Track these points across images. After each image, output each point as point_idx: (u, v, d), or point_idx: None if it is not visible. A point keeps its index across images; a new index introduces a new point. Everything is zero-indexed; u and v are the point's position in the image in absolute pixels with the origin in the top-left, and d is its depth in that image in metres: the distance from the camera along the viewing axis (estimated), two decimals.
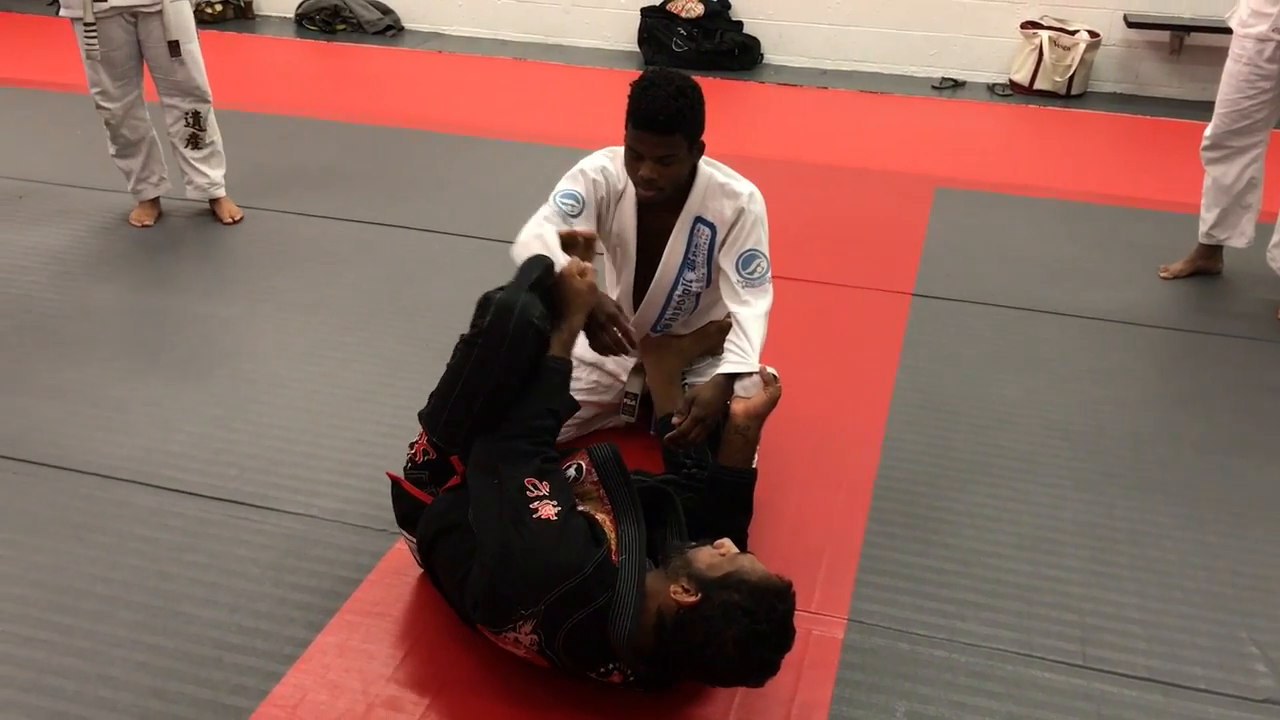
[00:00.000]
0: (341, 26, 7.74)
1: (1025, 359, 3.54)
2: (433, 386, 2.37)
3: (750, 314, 2.62)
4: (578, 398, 2.44)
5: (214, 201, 4.47)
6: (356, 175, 5.00)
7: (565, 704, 2.13)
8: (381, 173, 5.05)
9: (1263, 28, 3.71)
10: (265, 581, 2.43)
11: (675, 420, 2.52)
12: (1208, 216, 4.09)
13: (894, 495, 2.79)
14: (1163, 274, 4.20)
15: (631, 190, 2.70)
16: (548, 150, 5.43)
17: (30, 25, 7.70)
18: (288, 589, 2.42)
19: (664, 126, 2.51)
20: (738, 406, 2.42)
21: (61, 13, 4.00)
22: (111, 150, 4.29)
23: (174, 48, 4.10)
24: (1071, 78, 6.64)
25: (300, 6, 7.82)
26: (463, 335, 2.27)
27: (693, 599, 1.96)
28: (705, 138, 2.64)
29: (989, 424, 3.16)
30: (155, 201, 4.44)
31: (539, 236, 2.49)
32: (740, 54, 7.17)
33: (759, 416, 2.41)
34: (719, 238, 2.72)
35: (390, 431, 2.98)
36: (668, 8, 7.25)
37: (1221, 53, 4.09)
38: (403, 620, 2.34)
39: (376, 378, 3.28)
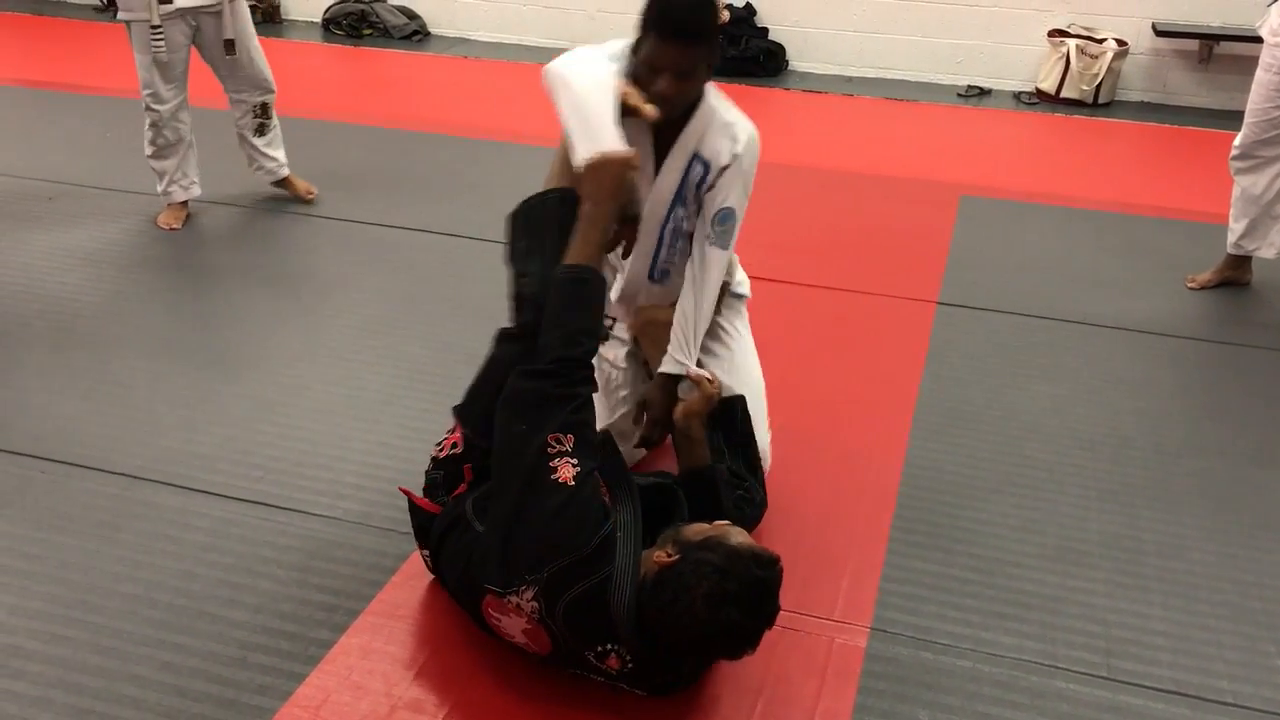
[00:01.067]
0: (368, 31, 7.78)
1: (1051, 368, 3.53)
2: (457, 389, 2.38)
3: (690, 305, 2.53)
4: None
5: (285, 181, 4.62)
6: (382, 179, 5.02)
7: (585, 708, 2.13)
8: (407, 177, 5.07)
9: None
10: (290, 583, 2.44)
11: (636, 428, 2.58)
12: (1236, 227, 4.06)
13: (918, 504, 2.78)
14: (1190, 284, 4.17)
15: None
16: None
17: (60, 29, 7.77)
18: (312, 590, 2.43)
19: (690, 36, 2.30)
20: (676, 410, 2.46)
21: (120, 15, 4.07)
22: (149, 151, 4.34)
23: (229, 46, 4.22)
24: (1099, 86, 6.61)
25: (327, 11, 7.87)
26: (501, 328, 2.29)
27: (671, 559, 1.98)
28: None
29: (1014, 433, 3.15)
30: (184, 205, 4.48)
31: (598, 81, 2.29)
32: (765, 61, 7.17)
33: (695, 414, 2.42)
34: (709, 179, 2.52)
35: (414, 434, 2.99)
36: None
37: (1250, 62, 4.06)
38: (426, 622, 2.35)
39: (400, 381, 3.30)
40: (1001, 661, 2.31)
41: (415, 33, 7.82)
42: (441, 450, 2.38)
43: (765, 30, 7.30)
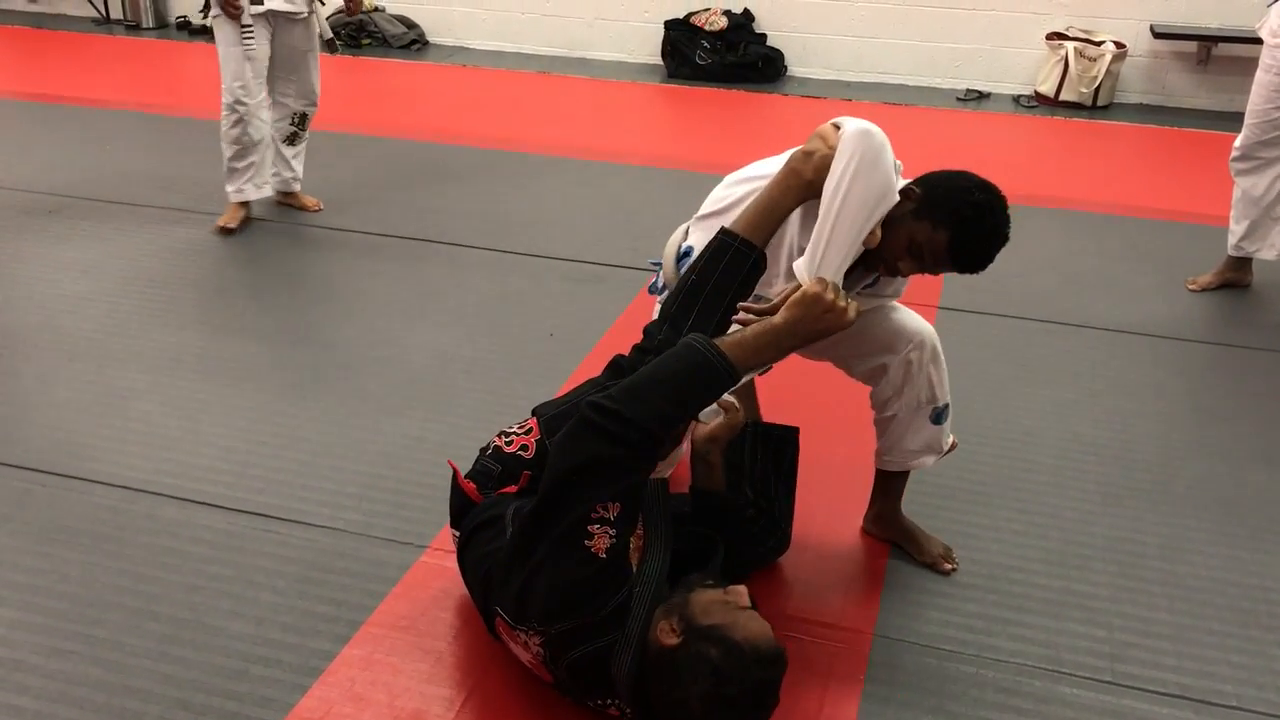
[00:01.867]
0: (367, 41, 7.80)
1: (1052, 372, 3.52)
2: (458, 399, 2.38)
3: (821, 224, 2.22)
4: None
5: (293, 195, 4.72)
6: (383, 189, 5.03)
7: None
8: (408, 186, 5.08)
9: None
10: (291, 594, 2.44)
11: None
12: (1237, 229, 4.06)
13: (920, 509, 2.77)
14: (1191, 286, 4.17)
15: None
16: (573, 163, 5.45)
17: (59, 42, 7.79)
18: (314, 602, 2.42)
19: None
20: (697, 431, 2.30)
21: (213, 13, 4.26)
22: (229, 152, 4.44)
23: (332, 45, 4.62)
24: (1098, 89, 6.62)
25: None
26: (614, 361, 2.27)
27: (673, 641, 1.92)
28: (729, 150, 2.59)
29: (1016, 438, 3.14)
30: (246, 206, 4.55)
31: (879, 202, 2.19)
32: (764, 66, 7.18)
33: (716, 441, 2.28)
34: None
35: (416, 444, 2.99)
36: (691, 20, 7.27)
37: (1249, 63, 4.07)
38: (428, 634, 2.34)
39: (401, 391, 3.29)
40: (1005, 666, 2.31)
41: (414, 42, 7.84)
42: (511, 445, 2.32)
43: (764, 36, 7.32)
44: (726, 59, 7.15)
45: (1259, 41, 3.90)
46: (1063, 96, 6.70)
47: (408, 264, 4.22)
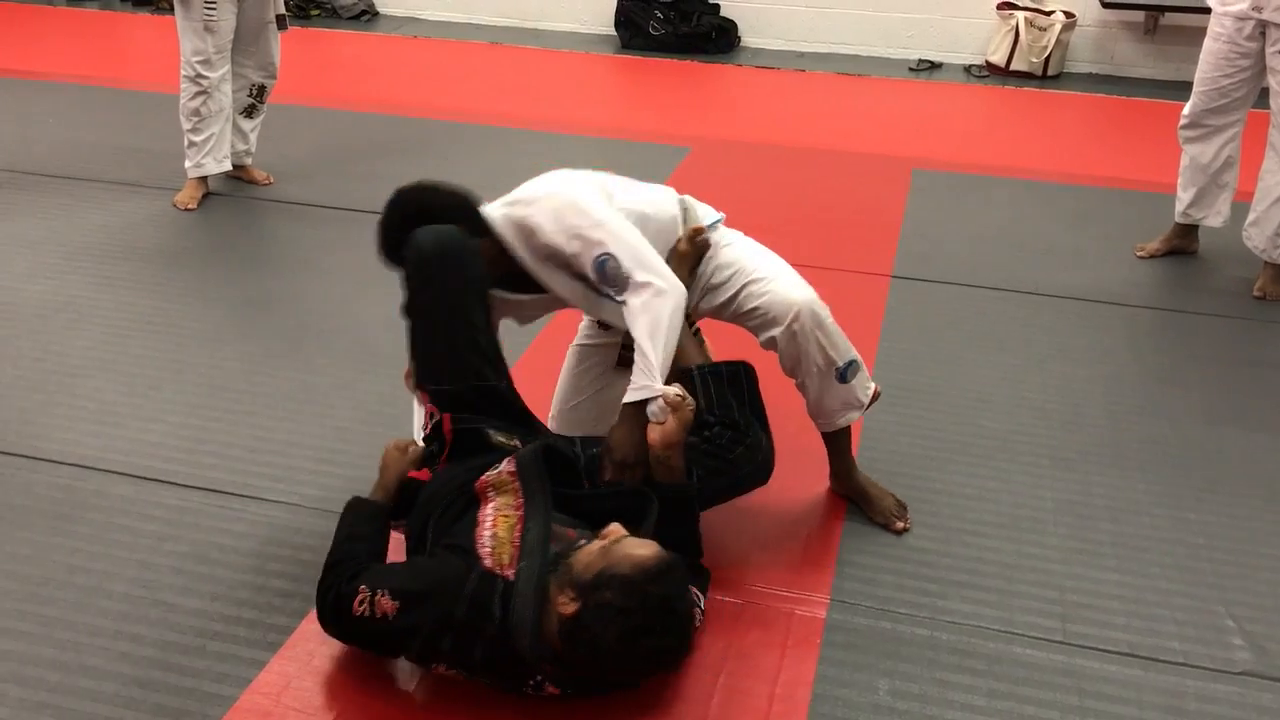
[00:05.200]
0: (316, 11, 7.68)
1: (1003, 339, 3.56)
2: None
3: (641, 332, 2.25)
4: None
5: (244, 168, 4.65)
6: (334, 161, 4.97)
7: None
8: (359, 158, 5.02)
9: (1243, 5, 3.71)
10: (247, 570, 2.42)
11: (603, 472, 2.32)
12: (1184, 196, 4.11)
13: (875, 475, 2.78)
14: (1139, 253, 4.22)
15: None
16: (526, 134, 5.42)
17: (2, 13, 7.61)
18: (270, 577, 2.41)
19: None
20: (653, 435, 2.22)
21: None
22: (189, 124, 4.35)
23: (282, 21, 4.53)
24: (1048, 59, 6.66)
25: None
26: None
27: (573, 609, 1.93)
28: (682, 121, 2.58)
29: (968, 404, 3.18)
30: (204, 182, 4.48)
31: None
32: (717, 37, 7.16)
33: (673, 444, 2.23)
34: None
35: (373, 419, 2.97)
36: None
37: (1195, 32, 4.11)
38: None
39: (356, 365, 3.27)
40: (959, 629, 2.34)
41: (364, 12, 7.74)
42: (426, 427, 2.35)
43: (717, 6, 7.29)
44: (680, 29, 7.12)
45: (1206, 11, 3.93)
46: (1013, 66, 6.74)
47: (359, 236, 4.12)
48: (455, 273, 2.31)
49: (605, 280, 2.29)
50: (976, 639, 2.32)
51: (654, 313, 2.24)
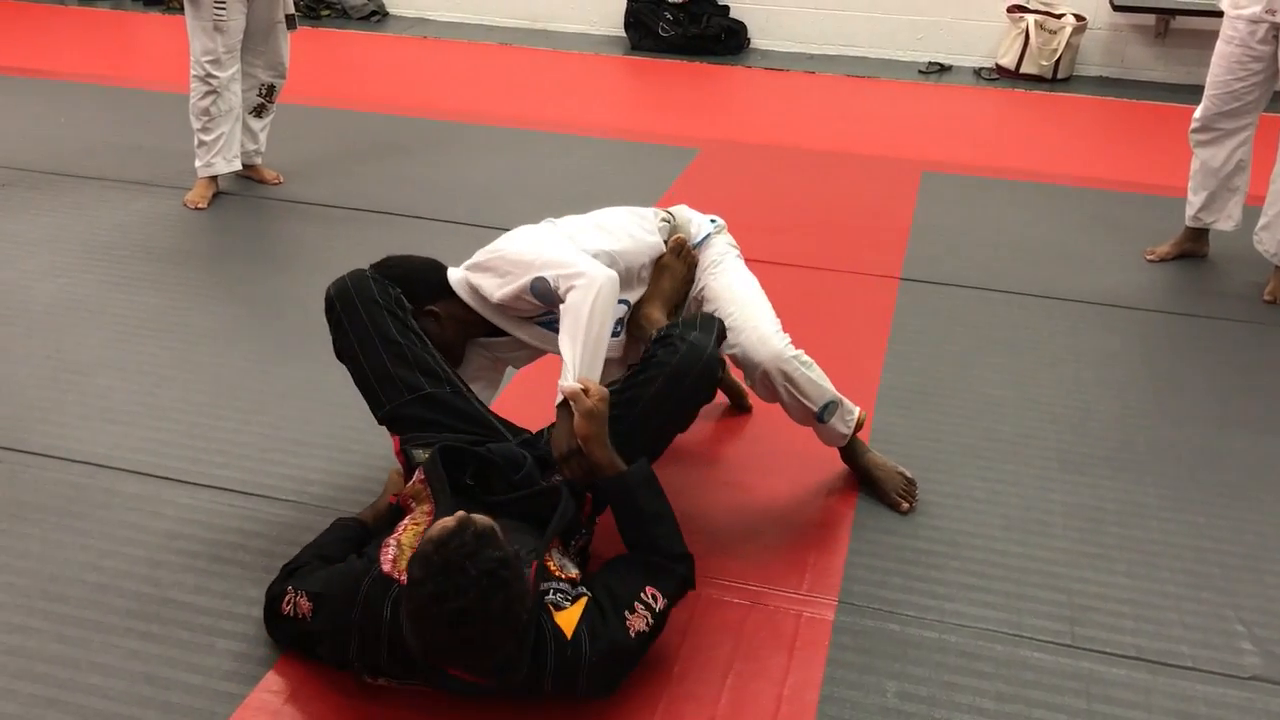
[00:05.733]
0: (326, 12, 7.70)
1: (1012, 342, 3.56)
2: None
3: (563, 333, 2.32)
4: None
5: (253, 168, 4.66)
6: (343, 161, 4.98)
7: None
8: (368, 159, 5.03)
9: (1256, 9, 3.71)
10: (257, 569, 2.43)
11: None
12: (1195, 200, 4.10)
13: None
14: (1149, 257, 4.22)
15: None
16: (536, 136, 5.43)
17: (18, 12, 7.63)
18: None
19: None
20: (556, 441, 2.27)
21: None
22: (199, 123, 4.36)
23: (291, 21, 4.53)
24: (1058, 61, 6.65)
25: None
26: None
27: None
28: (691, 122, 2.60)
29: (977, 407, 3.18)
30: (214, 181, 4.49)
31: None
32: (727, 39, 7.16)
33: (586, 438, 2.21)
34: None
35: None
36: None
37: (1206, 36, 4.11)
38: None
39: None
40: (967, 631, 2.34)
41: (374, 13, 7.75)
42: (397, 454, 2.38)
43: (726, 8, 7.29)
44: (689, 31, 7.13)
45: (1216, 14, 3.93)
46: (1023, 69, 6.73)
47: (369, 236, 4.19)
48: (359, 306, 2.38)
49: (544, 299, 2.39)
50: (985, 642, 2.32)
51: (573, 312, 2.31)
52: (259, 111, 4.59)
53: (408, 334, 2.39)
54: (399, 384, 2.34)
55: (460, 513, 1.93)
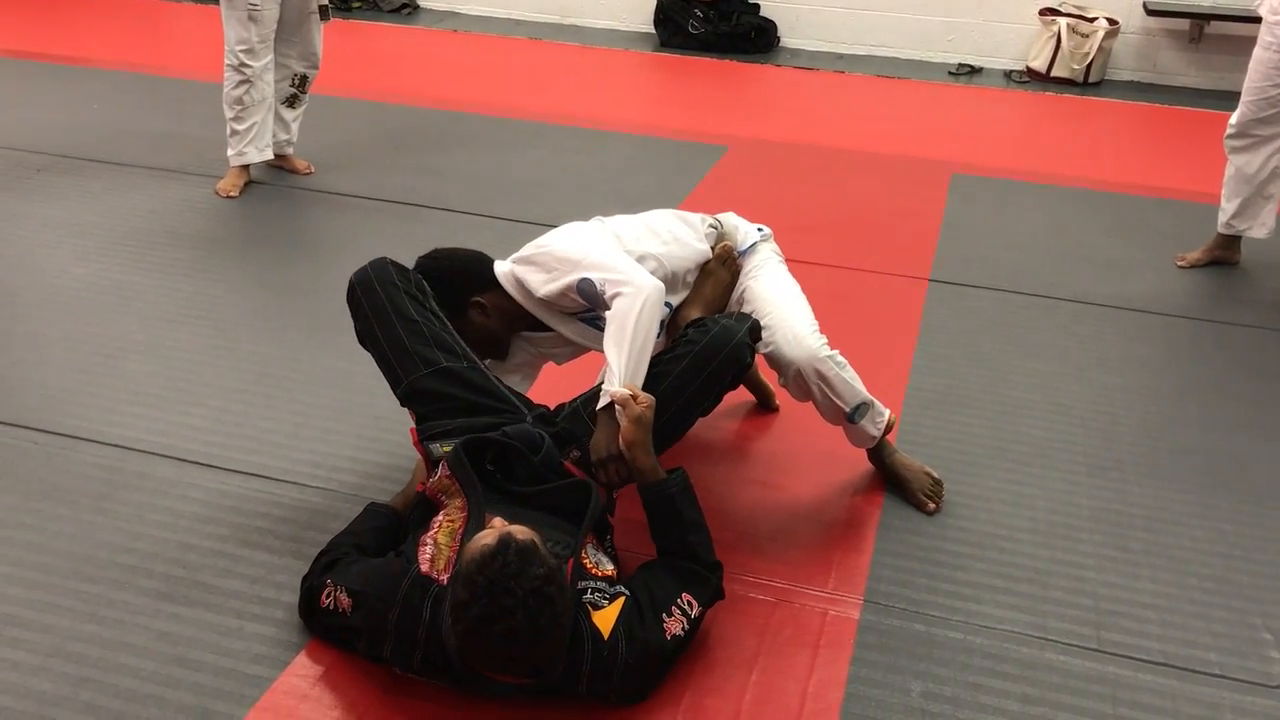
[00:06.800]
0: (357, 4, 7.74)
1: (1041, 346, 3.55)
2: None
3: (608, 339, 2.35)
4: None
5: (285, 158, 4.69)
6: (374, 153, 5.01)
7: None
8: (397, 150, 5.06)
9: None
10: (286, 554, 2.45)
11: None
12: (1228, 206, 4.08)
13: None
14: (1180, 263, 4.19)
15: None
16: (564, 130, 5.44)
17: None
18: (307, 561, 2.42)
19: None
20: (617, 439, 2.27)
21: None
22: (232, 112, 4.39)
23: (324, 11, 4.54)
24: (1089, 65, 6.62)
25: None
26: None
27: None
28: (720, 120, 2.61)
29: (1004, 410, 3.17)
30: (246, 170, 4.52)
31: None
32: (757, 37, 7.16)
33: (631, 443, 2.23)
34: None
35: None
36: None
37: (1241, 42, 4.09)
38: None
39: None
40: (992, 633, 2.34)
41: (404, 6, 7.78)
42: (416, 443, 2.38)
43: (757, 6, 7.29)
44: (719, 28, 7.13)
45: (1253, 20, 3.91)
46: (1054, 72, 6.70)
47: (398, 227, 4.21)
48: (377, 289, 2.41)
49: (589, 300, 2.42)
50: (1010, 644, 2.31)
51: (620, 319, 2.33)
52: (291, 102, 4.62)
53: (425, 314, 2.42)
54: (416, 359, 2.36)
55: (499, 526, 1.95)
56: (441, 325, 2.42)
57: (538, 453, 2.25)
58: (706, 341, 2.32)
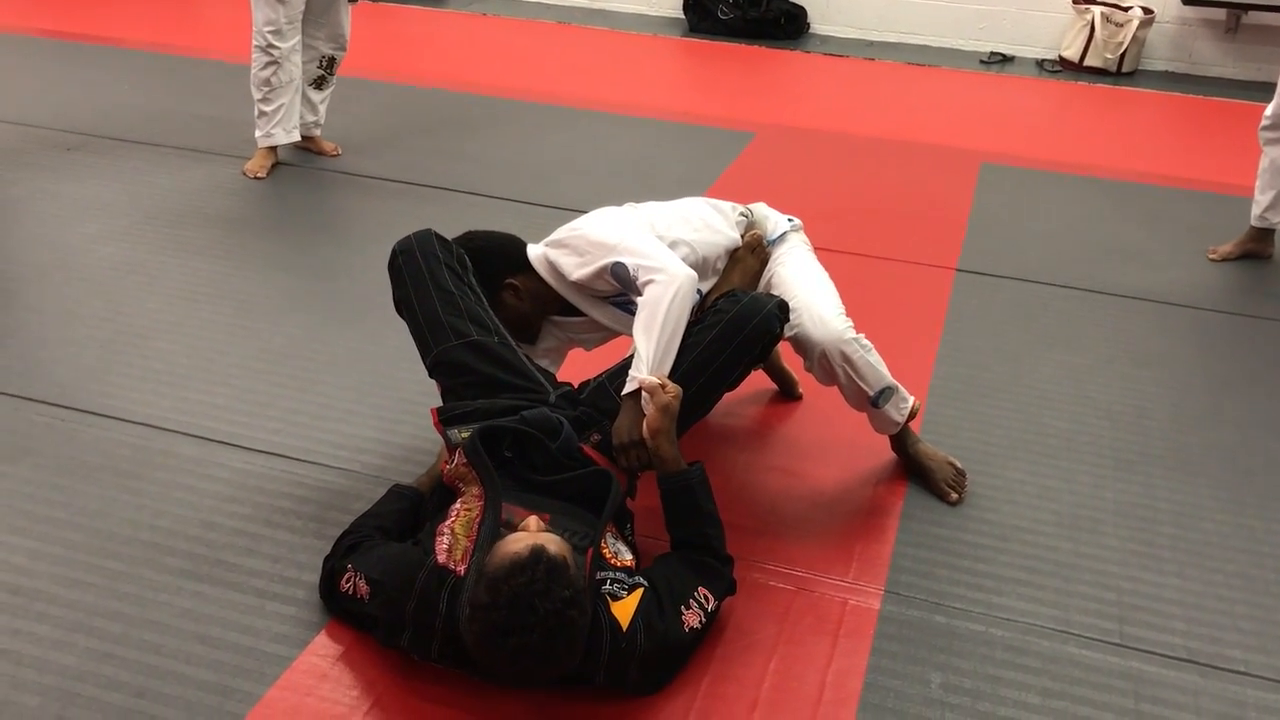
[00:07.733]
0: None
1: (1069, 337, 3.51)
2: None
3: (637, 326, 2.34)
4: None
5: (312, 139, 4.69)
6: (401, 136, 5.01)
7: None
8: (424, 133, 5.06)
9: None
10: (308, 534, 2.46)
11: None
12: (1262, 199, 4.02)
13: None
14: (1211, 256, 4.15)
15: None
16: (592, 115, 5.43)
17: None
18: (329, 542, 2.43)
19: None
20: (641, 427, 2.27)
21: None
22: (260, 94, 4.40)
23: None
24: (1123, 55, 6.55)
25: None
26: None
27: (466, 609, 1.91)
28: (748, 106, 2.60)
29: (1030, 401, 3.14)
30: (274, 151, 4.53)
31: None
32: (787, 23, 7.12)
33: (658, 431, 2.22)
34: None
35: (433, 390, 2.98)
36: None
37: (1278, 32, 4.01)
38: None
39: None
40: (1014, 626, 2.32)
41: None
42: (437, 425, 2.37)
43: None
44: (749, 14, 7.09)
45: None
46: (1087, 62, 6.63)
47: (425, 210, 4.21)
48: (419, 258, 2.46)
49: (622, 284, 2.42)
50: (1032, 637, 2.30)
51: (651, 306, 2.33)
52: (319, 83, 4.62)
53: (463, 287, 2.44)
54: (448, 329, 2.38)
55: (534, 529, 1.96)
56: (477, 299, 2.44)
57: (555, 439, 2.25)
58: (737, 311, 2.31)
